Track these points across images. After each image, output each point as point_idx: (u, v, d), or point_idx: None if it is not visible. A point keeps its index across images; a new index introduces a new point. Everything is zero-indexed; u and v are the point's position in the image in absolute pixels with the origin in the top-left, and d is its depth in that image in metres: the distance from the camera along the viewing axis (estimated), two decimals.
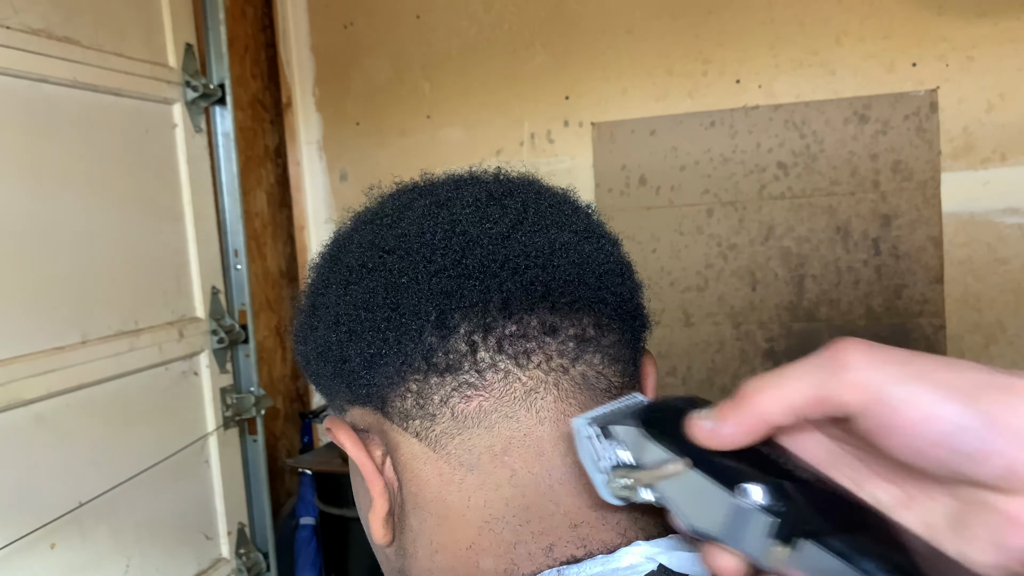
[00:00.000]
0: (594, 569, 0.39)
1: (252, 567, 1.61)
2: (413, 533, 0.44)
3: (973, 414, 0.27)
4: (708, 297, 2.00)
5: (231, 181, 1.65)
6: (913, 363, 0.28)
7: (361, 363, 0.43)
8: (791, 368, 0.30)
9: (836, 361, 0.29)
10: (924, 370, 0.28)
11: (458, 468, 0.42)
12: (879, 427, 0.29)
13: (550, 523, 0.41)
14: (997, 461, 0.27)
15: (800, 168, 1.92)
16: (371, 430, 0.45)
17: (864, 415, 0.29)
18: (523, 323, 0.41)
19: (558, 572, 0.40)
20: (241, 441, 1.65)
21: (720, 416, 0.32)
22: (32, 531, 1.13)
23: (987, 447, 0.27)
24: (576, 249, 0.43)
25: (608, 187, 2.04)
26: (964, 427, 0.27)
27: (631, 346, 0.45)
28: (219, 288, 1.59)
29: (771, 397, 0.30)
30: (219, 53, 1.59)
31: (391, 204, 0.47)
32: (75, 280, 1.26)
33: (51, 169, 1.23)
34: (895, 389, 0.28)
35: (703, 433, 0.32)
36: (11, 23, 1.15)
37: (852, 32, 1.86)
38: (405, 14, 2.14)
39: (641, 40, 1.99)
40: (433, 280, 0.41)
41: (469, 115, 2.12)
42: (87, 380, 1.26)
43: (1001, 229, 1.82)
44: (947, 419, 0.27)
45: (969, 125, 1.82)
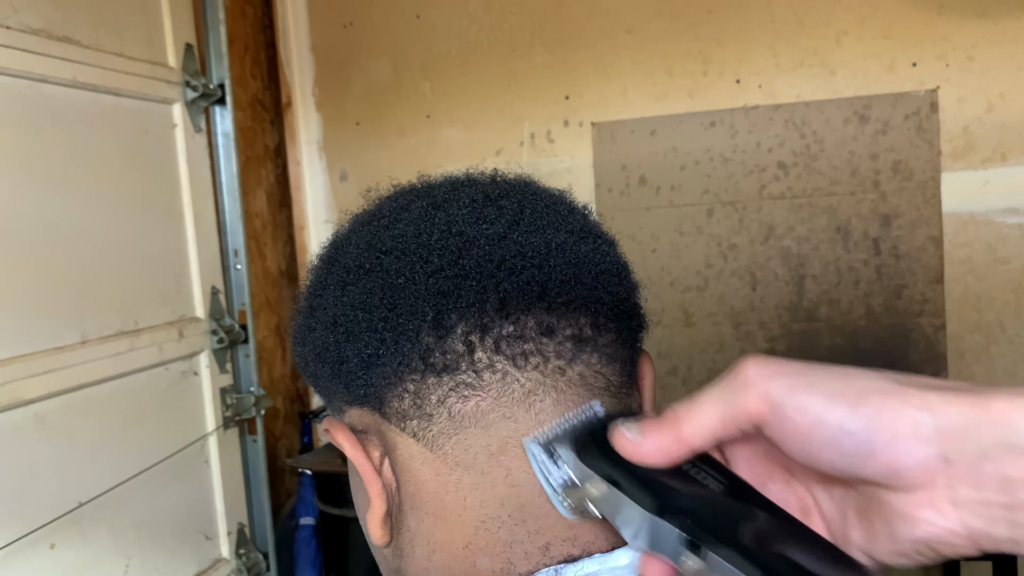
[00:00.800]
0: (591, 568, 0.39)
1: (252, 567, 1.61)
2: (411, 533, 0.44)
3: (856, 418, 0.30)
4: (708, 297, 2.00)
5: (231, 181, 1.65)
6: (806, 375, 0.31)
7: (358, 364, 0.43)
8: (704, 394, 0.33)
9: (738, 380, 0.32)
10: (815, 381, 0.31)
11: (455, 468, 0.42)
12: (779, 434, 0.32)
13: (546, 522, 0.41)
14: (880, 461, 0.30)
15: (800, 168, 1.92)
16: (369, 431, 0.45)
17: (766, 424, 0.32)
18: (520, 323, 0.41)
19: (555, 571, 0.40)
20: (241, 441, 1.65)
21: (644, 432, 0.35)
22: (32, 531, 1.13)
23: (868, 448, 0.30)
24: (572, 249, 0.43)
25: (608, 187, 2.05)
26: (848, 431, 0.30)
27: (629, 346, 0.46)
28: (219, 288, 1.59)
29: (690, 424, 0.33)
30: (219, 53, 1.59)
31: (388, 206, 0.47)
32: (75, 280, 1.26)
33: (51, 169, 1.23)
34: (788, 398, 0.31)
35: (626, 446, 0.35)
36: (11, 23, 1.15)
37: (852, 32, 1.86)
38: (405, 14, 2.14)
39: (641, 40, 1.99)
40: (430, 281, 0.41)
41: (469, 115, 2.12)
42: (87, 380, 1.26)
43: (1001, 229, 1.82)
44: (832, 424, 0.30)
45: (969, 125, 1.82)
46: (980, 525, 0.29)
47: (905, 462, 0.29)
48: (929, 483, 0.29)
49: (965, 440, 0.28)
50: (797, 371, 0.31)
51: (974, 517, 0.29)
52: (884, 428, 0.29)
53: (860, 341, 1.91)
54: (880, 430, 0.29)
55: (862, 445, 0.30)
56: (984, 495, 0.29)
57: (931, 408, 0.29)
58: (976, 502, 0.29)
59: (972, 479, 0.29)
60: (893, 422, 0.29)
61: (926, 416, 0.29)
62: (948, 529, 0.30)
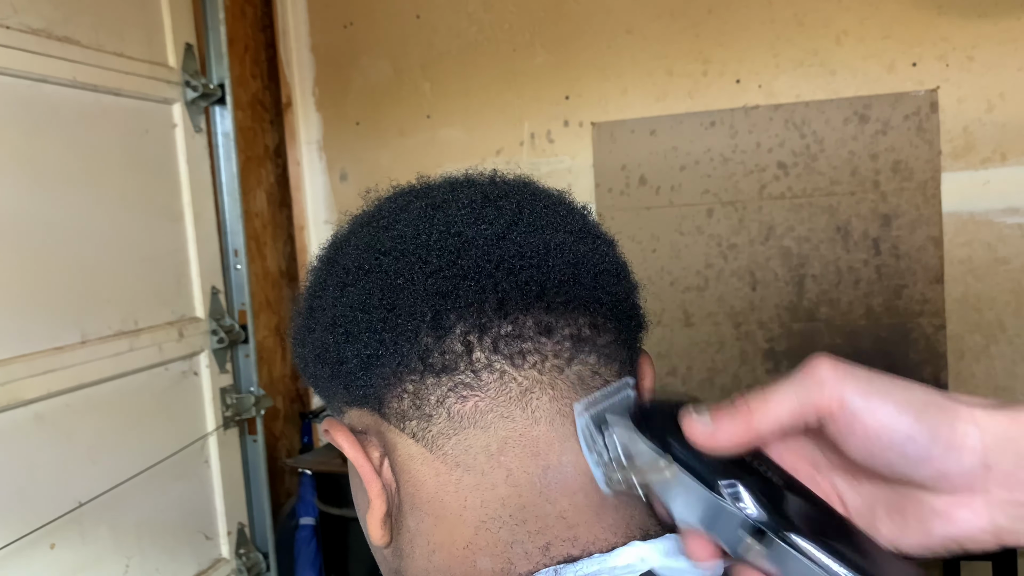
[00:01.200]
0: (591, 568, 0.39)
1: (252, 567, 1.61)
2: (410, 534, 0.44)
3: (920, 428, 0.33)
4: (708, 297, 2.00)
5: (231, 181, 1.65)
6: (874, 381, 0.34)
7: (358, 364, 0.43)
8: (779, 388, 0.35)
9: (812, 378, 0.35)
10: (883, 387, 0.34)
11: (455, 468, 0.42)
12: (843, 432, 0.35)
13: (546, 522, 0.41)
14: (933, 466, 0.34)
15: (800, 168, 1.92)
16: (369, 431, 0.45)
17: (833, 421, 0.35)
18: (518, 323, 0.41)
19: (555, 571, 0.40)
20: (241, 441, 1.65)
21: (715, 420, 0.36)
22: (32, 531, 1.13)
23: (927, 455, 0.33)
24: (571, 249, 0.43)
25: (608, 187, 2.05)
26: (912, 437, 0.33)
27: (628, 346, 0.46)
28: (219, 288, 1.59)
29: (763, 415, 0.35)
30: (219, 53, 1.59)
31: (387, 207, 0.47)
32: (75, 280, 1.26)
33: (51, 169, 1.23)
34: (861, 401, 0.34)
35: (699, 433, 0.37)
36: (11, 23, 1.15)
37: (852, 32, 1.86)
38: (405, 14, 2.14)
39: (641, 40, 1.99)
40: (429, 281, 0.41)
41: (469, 115, 2.12)
42: (87, 380, 1.26)
43: (1001, 229, 1.82)
44: (899, 430, 0.33)
45: (969, 125, 1.82)
46: (1007, 523, 0.34)
47: (955, 469, 0.33)
48: (969, 487, 0.34)
49: (1004, 450, 0.33)
50: (866, 377, 0.34)
51: (1004, 516, 0.33)
52: (942, 438, 0.33)
53: (860, 341, 1.91)
54: (939, 439, 0.33)
55: (922, 451, 0.33)
56: (1015, 496, 0.33)
57: (978, 422, 0.33)
58: (1007, 503, 0.33)
59: (1006, 483, 0.33)
60: (949, 433, 0.33)
61: (974, 429, 0.33)
62: (979, 527, 0.34)
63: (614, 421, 0.39)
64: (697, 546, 0.37)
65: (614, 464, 0.39)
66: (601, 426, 0.40)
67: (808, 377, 0.35)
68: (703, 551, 0.36)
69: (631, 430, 0.38)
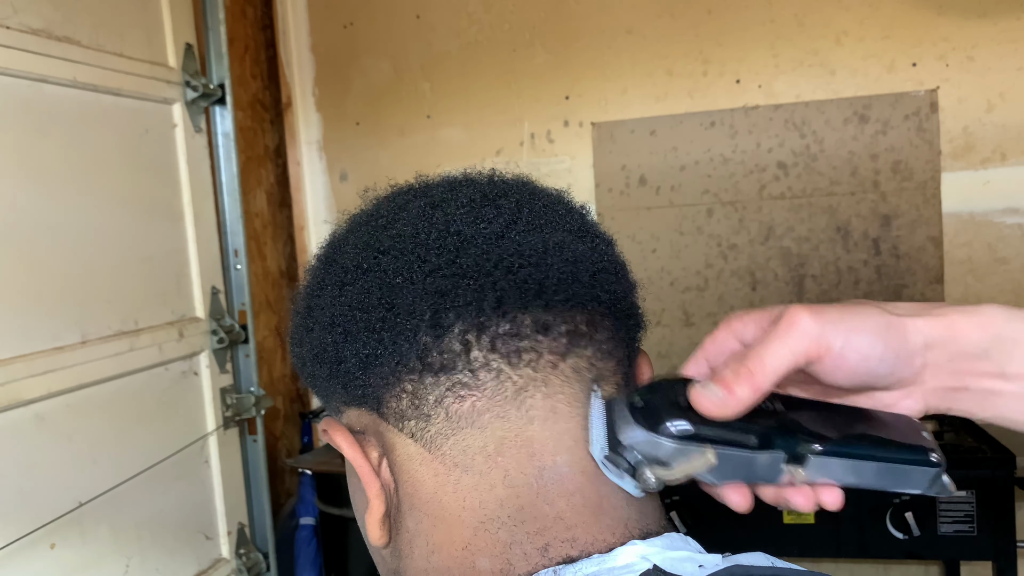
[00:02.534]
0: (590, 568, 0.39)
1: (252, 567, 1.61)
2: (409, 534, 0.44)
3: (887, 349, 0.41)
4: (708, 297, 2.00)
5: (231, 181, 1.65)
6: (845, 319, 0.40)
7: (356, 364, 0.43)
8: (767, 346, 0.40)
9: (797, 328, 0.40)
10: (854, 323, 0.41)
11: (453, 469, 0.42)
12: (829, 368, 0.41)
13: (544, 523, 0.41)
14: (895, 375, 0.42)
15: (800, 168, 1.92)
16: (367, 431, 0.45)
17: (819, 362, 0.40)
18: (517, 322, 0.41)
19: (554, 572, 0.40)
20: (241, 441, 1.65)
21: (724, 389, 0.40)
22: (32, 531, 1.13)
23: (891, 368, 0.42)
24: (570, 248, 0.43)
25: (608, 187, 2.05)
26: (884, 359, 0.41)
27: (626, 345, 0.46)
28: (219, 288, 1.59)
29: (764, 374, 0.40)
30: (219, 53, 1.59)
31: (386, 206, 0.47)
32: (75, 280, 1.26)
33: (51, 169, 1.23)
34: (841, 341, 0.40)
35: (709, 404, 0.40)
36: (11, 23, 1.15)
37: (852, 32, 1.86)
38: (405, 14, 2.14)
39: (641, 40, 1.99)
40: (427, 280, 0.41)
41: (469, 115, 2.12)
42: (87, 380, 1.26)
43: (1001, 229, 1.82)
44: (874, 357, 0.41)
45: (969, 125, 1.82)
46: (934, 403, 0.43)
47: (907, 372, 0.42)
48: (912, 382, 0.43)
49: (939, 351, 0.42)
50: (838, 317, 0.40)
51: (932, 398, 0.43)
52: (901, 352, 0.41)
53: None
54: (900, 355, 0.41)
55: (889, 367, 0.41)
56: (941, 383, 0.42)
57: (922, 331, 0.41)
58: (935, 388, 0.43)
59: (937, 375, 0.42)
60: (905, 346, 0.41)
61: (920, 337, 0.41)
62: (915, 410, 0.44)
63: (629, 439, 0.40)
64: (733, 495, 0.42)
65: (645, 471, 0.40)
66: (615, 447, 0.41)
67: (794, 329, 0.40)
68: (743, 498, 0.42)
69: (653, 437, 0.40)
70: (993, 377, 0.41)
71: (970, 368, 0.41)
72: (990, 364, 0.41)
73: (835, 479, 0.41)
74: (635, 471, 0.40)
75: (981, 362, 0.41)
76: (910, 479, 0.42)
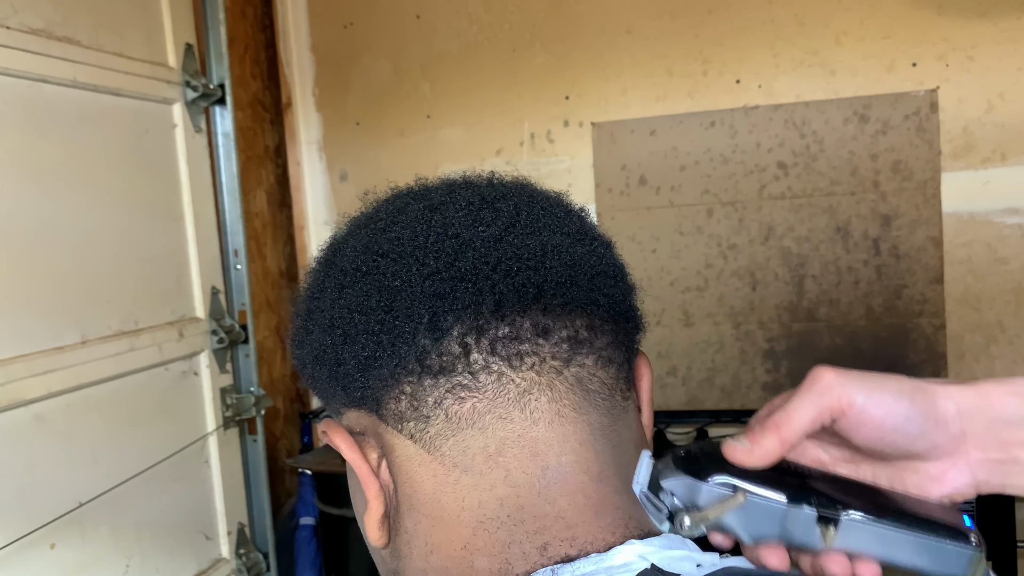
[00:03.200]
0: (588, 567, 0.39)
1: (252, 567, 1.62)
2: (408, 535, 0.44)
3: (914, 409, 0.40)
4: (708, 297, 2.00)
5: (231, 181, 1.65)
6: (869, 379, 0.40)
7: (356, 366, 0.43)
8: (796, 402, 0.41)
9: (820, 385, 0.40)
10: (879, 383, 0.40)
11: (452, 469, 0.42)
12: (854, 425, 0.40)
13: (544, 522, 0.41)
14: (927, 439, 0.40)
15: (800, 168, 1.92)
16: (367, 433, 0.45)
17: (844, 418, 0.40)
18: (516, 325, 0.41)
19: (552, 571, 0.40)
20: (241, 441, 1.65)
21: (753, 441, 0.41)
22: (32, 531, 1.13)
23: (922, 430, 0.40)
24: (568, 251, 0.43)
25: (608, 187, 2.05)
26: (910, 418, 0.40)
27: (625, 348, 0.46)
28: (219, 288, 1.59)
29: (789, 428, 0.40)
30: (219, 53, 1.59)
31: (385, 209, 0.47)
32: (75, 280, 1.26)
33: (51, 169, 1.23)
34: (863, 397, 0.39)
35: (739, 455, 0.41)
36: (11, 23, 1.15)
37: (852, 32, 1.86)
38: (405, 14, 2.14)
39: (641, 40, 1.99)
40: (426, 283, 0.41)
41: (469, 115, 2.12)
42: (87, 380, 1.26)
43: (1001, 229, 1.82)
44: (899, 413, 0.40)
45: (969, 125, 1.82)
46: (984, 477, 0.41)
47: (943, 438, 0.40)
48: (953, 452, 0.41)
49: (975, 419, 0.40)
50: (862, 376, 0.40)
51: (982, 472, 0.41)
52: (931, 415, 0.40)
53: (860, 341, 1.91)
54: (929, 416, 0.40)
55: (918, 428, 0.40)
56: (988, 455, 0.40)
57: (953, 398, 0.40)
58: (983, 461, 0.40)
59: (980, 445, 0.40)
60: (935, 410, 0.40)
61: (952, 404, 0.40)
62: (965, 483, 0.41)
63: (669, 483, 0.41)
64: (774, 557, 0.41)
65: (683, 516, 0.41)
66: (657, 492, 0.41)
67: (816, 385, 0.40)
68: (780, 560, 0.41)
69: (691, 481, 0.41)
70: None
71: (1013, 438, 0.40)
72: None
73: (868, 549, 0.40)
74: (672, 516, 0.41)
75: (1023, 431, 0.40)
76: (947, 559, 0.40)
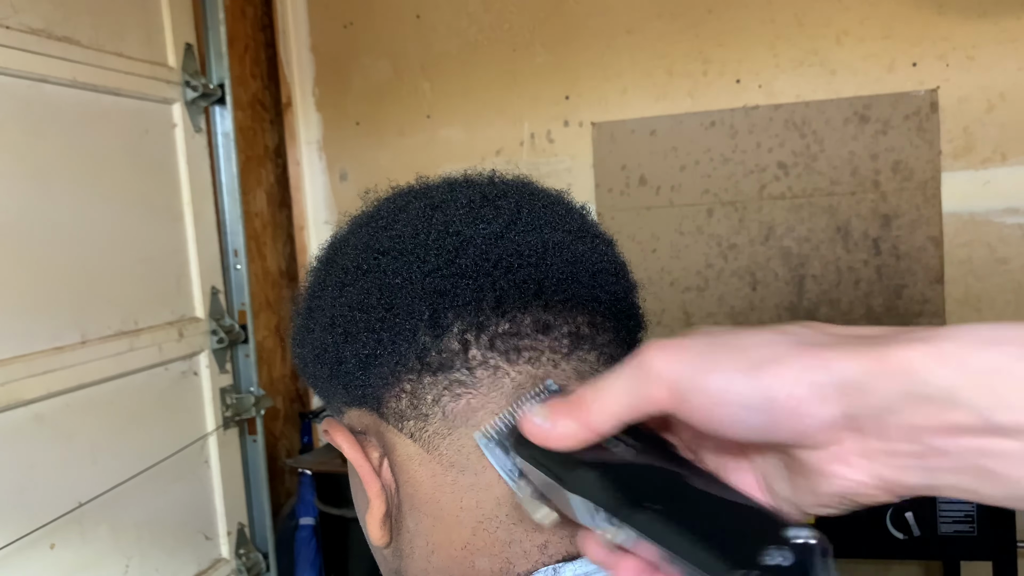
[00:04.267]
0: (590, 565, 0.39)
1: (252, 567, 1.61)
2: (410, 534, 0.44)
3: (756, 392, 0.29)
4: (708, 297, 2.00)
5: (231, 181, 1.65)
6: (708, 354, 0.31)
7: (356, 364, 0.43)
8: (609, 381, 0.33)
9: (641, 368, 0.32)
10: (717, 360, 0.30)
11: (449, 469, 0.42)
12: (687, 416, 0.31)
13: None
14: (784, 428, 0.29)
15: (800, 168, 1.92)
16: (368, 432, 0.45)
17: (672, 410, 0.31)
18: (516, 321, 0.41)
19: (554, 570, 0.40)
20: (241, 441, 1.65)
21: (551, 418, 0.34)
22: (32, 531, 1.13)
23: (770, 418, 0.29)
24: (569, 248, 0.43)
25: (608, 187, 2.05)
26: (749, 406, 0.29)
27: (627, 346, 0.46)
28: (219, 288, 1.59)
29: (598, 411, 0.33)
30: (219, 53, 1.59)
31: (386, 207, 0.47)
32: (75, 280, 1.26)
33: (51, 169, 1.23)
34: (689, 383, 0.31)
35: (535, 432, 0.34)
36: (11, 23, 1.15)
37: (852, 32, 1.86)
38: (405, 14, 2.14)
39: (641, 40, 1.99)
40: (427, 280, 0.41)
41: (469, 115, 2.12)
42: (87, 380, 1.26)
43: (1001, 229, 1.82)
44: (733, 402, 0.30)
45: (969, 125, 1.82)
46: (892, 475, 0.29)
47: (809, 424, 0.29)
48: (836, 440, 0.29)
49: (867, 395, 0.28)
50: (699, 351, 0.31)
51: (886, 468, 0.29)
52: (783, 396, 0.29)
53: None
54: (779, 399, 0.29)
55: (764, 416, 0.29)
56: (892, 446, 0.28)
57: (829, 367, 0.28)
58: (885, 453, 0.29)
59: (878, 432, 0.28)
60: (792, 388, 0.29)
61: (824, 376, 0.28)
62: (860, 481, 0.30)
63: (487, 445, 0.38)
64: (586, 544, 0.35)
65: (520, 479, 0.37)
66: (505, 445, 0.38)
67: (638, 368, 0.32)
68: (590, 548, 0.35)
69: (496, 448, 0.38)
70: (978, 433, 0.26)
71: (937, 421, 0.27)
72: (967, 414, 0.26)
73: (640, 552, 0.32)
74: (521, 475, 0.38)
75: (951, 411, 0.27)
76: None
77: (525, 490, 0.37)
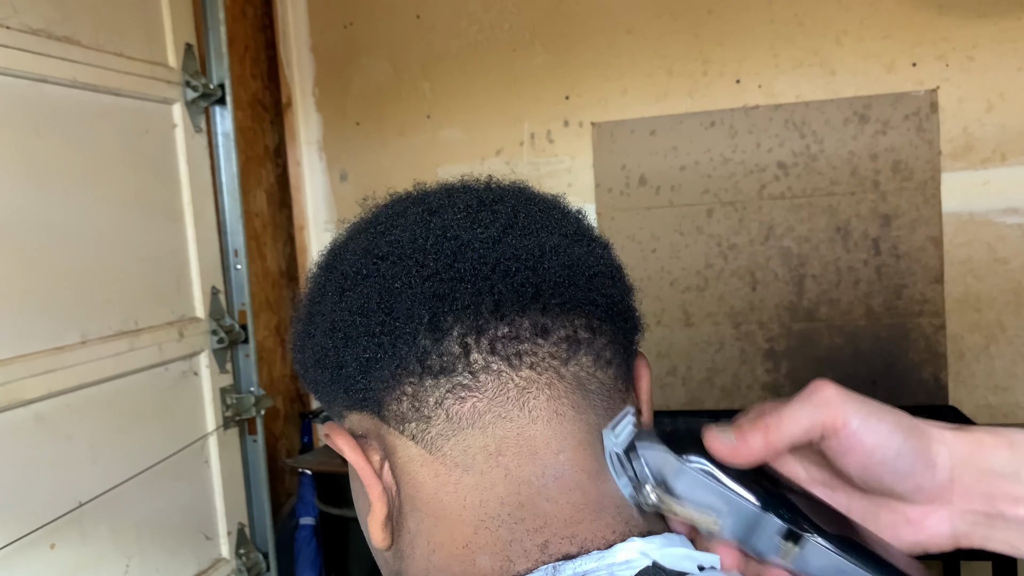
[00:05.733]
0: (589, 565, 0.40)
1: (252, 567, 1.62)
2: (411, 535, 0.44)
3: (907, 446, 0.38)
4: (708, 297, 2.00)
5: (231, 181, 1.65)
6: (869, 404, 0.39)
7: (357, 368, 0.43)
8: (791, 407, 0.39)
9: (819, 397, 0.39)
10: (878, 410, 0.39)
11: (453, 469, 0.42)
12: (843, 448, 0.39)
13: (544, 520, 0.41)
14: (914, 480, 0.39)
15: (800, 168, 1.92)
16: (369, 435, 0.45)
17: (835, 438, 0.39)
18: (515, 324, 0.42)
19: (554, 568, 0.40)
20: (241, 441, 1.65)
21: (739, 436, 0.40)
22: (32, 531, 1.13)
23: (911, 470, 0.39)
24: (566, 252, 0.44)
25: (608, 187, 2.05)
26: (901, 454, 0.38)
27: (624, 348, 0.46)
28: (219, 288, 1.59)
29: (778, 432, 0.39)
30: (219, 53, 1.59)
31: (384, 213, 0.48)
32: (75, 280, 1.26)
33: (51, 169, 1.23)
34: (859, 421, 0.38)
35: (721, 448, 0.40)
36: (11, 23, 1.15)
37: (852, 32, 1.86)
38: (405, 14, 2.14)
39: (641, 40, 1.99)
40: (426, 284, 0.42)
41: (469, 115, 2.12)
42: (87, 380, 1.26)
43: (1001, 229, 1.82)
44: (892, 447, 0.38)
45: (969, 125, 1.82)
46: (965, 528, 0.39)
47: (930, 482, 0.39)
48: (937, 499, 0.39)
49: (966, 467, 0.38)
50: (863, 400, 0.39)
51: (963, 523, 0.39)
52: (923, 456, 0.38)
53: (860, 341, 1.91)
54: (921, 457, 0.38)
55: (907, 467, 0.38)
56: (972, 506, 0.39)
57: (947, 442, 0.39)
58: (966, 512, 0.39)
59: (966, 495, 0.39)
60: (927, 452, 0.38)
61: (945, 449, 0.39)
62: (941, 532, 0.39)
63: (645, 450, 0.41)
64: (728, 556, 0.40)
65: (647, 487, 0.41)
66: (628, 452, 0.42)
67: (815, 396, 0.39)
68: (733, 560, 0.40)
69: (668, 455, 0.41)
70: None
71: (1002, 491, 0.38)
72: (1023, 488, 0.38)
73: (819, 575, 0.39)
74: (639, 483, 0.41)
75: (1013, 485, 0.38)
76: None
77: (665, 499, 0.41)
